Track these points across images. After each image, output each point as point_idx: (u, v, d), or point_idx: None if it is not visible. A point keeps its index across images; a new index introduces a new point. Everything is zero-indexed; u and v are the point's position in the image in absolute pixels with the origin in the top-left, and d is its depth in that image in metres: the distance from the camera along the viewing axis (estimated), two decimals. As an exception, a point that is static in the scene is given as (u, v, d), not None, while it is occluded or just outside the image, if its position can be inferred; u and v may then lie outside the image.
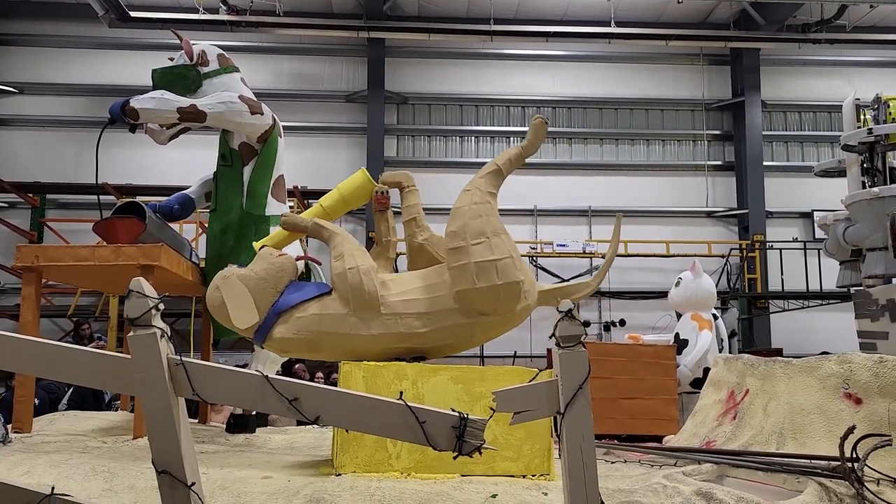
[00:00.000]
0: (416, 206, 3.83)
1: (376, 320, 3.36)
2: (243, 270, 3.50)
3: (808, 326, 14.41)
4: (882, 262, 5.69)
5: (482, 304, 3.34)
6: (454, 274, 3.34)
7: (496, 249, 3.31)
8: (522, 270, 3.41)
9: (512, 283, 3.32)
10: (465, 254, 3.30)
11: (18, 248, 4.15)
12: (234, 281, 3.43)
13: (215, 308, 3.48)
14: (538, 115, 3.63)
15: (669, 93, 15.84)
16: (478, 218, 3.35)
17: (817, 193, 14.68)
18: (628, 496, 2.80)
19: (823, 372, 3.42)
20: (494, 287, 3.29)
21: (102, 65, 14.79)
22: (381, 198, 3.89)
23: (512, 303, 3.37)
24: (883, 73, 15.89)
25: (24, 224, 13.78)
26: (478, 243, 3.30)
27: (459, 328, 3.39)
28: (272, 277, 3.47)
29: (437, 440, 2.01)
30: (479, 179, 3.50)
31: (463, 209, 3.39)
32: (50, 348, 2.09)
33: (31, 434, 4.06)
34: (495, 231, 3.36)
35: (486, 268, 3.28)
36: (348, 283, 3.38)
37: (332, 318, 3.38)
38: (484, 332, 3.49)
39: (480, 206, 3.39)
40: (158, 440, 2.01)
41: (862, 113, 6.34)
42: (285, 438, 4.58)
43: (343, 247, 3.49)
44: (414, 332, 3.37)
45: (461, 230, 3.34)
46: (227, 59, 4.97)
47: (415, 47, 15.44)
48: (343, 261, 3.43)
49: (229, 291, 3.41)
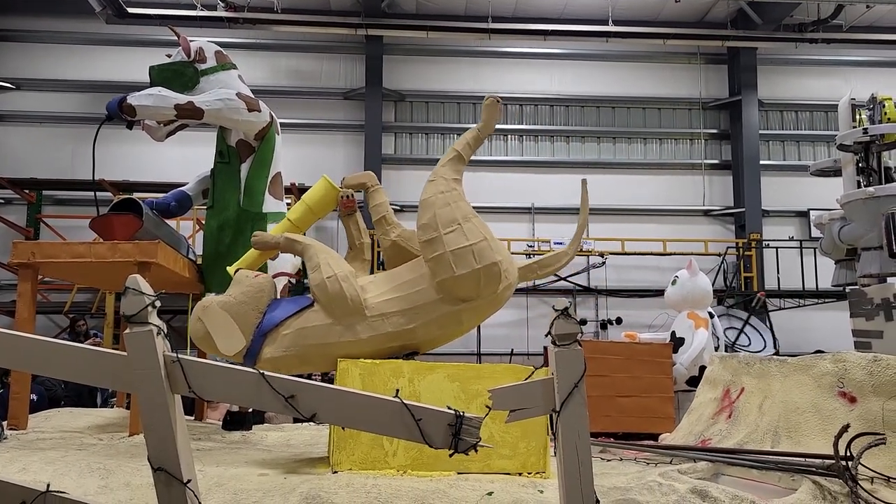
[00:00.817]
0: (384, 204, 3.85)
1: (362, 324, 3.37)
2: (222, 297, 3.49)
3: (803, 325, 14.44)
4: (877, 262, 5.71)
5: (464, 290, 3.35)
6: (432, 265, 3.36)
7: (470, 234, 3.33)
8: (498, 251, 3.42)
9: (490, 265, 3.34)
10: (439, 244, 3.31)
11: (15, 244, 4.14)
12: (215, 309, 3.42)
13: (200, 339, 3.47)
14: (490, 95, 3.61)
15: (667, 91, 15.85)
16: (446, 206, 3.37)
17: (813, 192, 14.71)
18: (624, 494, 2.81)
19: (818, 371, 3.43)
20: (474, 271, 3.31)
21: (99, 61, 14.75)
22: (347, 202, 3.90)
23: (493, 284, 3.39)
24: (879, 72, 15.92)
25: (20, 220, 13.74)
26: (450, 231, 3.32)
27: (446, 317, 3.41)
28: (252, 300, 3.47)
29: (434, 438, 2.01)
30: (441, 168, 3.51)
31: (430, 200, 3.40)
32: (46, 345, 2.09)
33: (27, 431, 4.06)
34: (466, 216, 3.38)
35: (463, 254, 3.30)
36: (328, 292, 3.38)
37: (318, 330, 3.39)
38: (471, 317, 3.50)
39: (447, 194, 3.40)
40: (154, 437, 2.01)
41: (857, 113, 6.35)
42: (281, 436, 4.59)
43: (318, 257, 3.49)
44: (402, 329, 3.38)
45: (432, 221, 3.35)
46: (224, 56, 4.96)
47: (413, 45, 15.42)
48: (320, 271, 3.43)
49: (212, 321, 3.40)
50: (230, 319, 3.41)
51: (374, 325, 3.37)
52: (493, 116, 3.57)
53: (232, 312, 3.42)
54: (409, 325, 3.38)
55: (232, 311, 3.42)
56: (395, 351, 3.43)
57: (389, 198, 3.95)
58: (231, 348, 3.41)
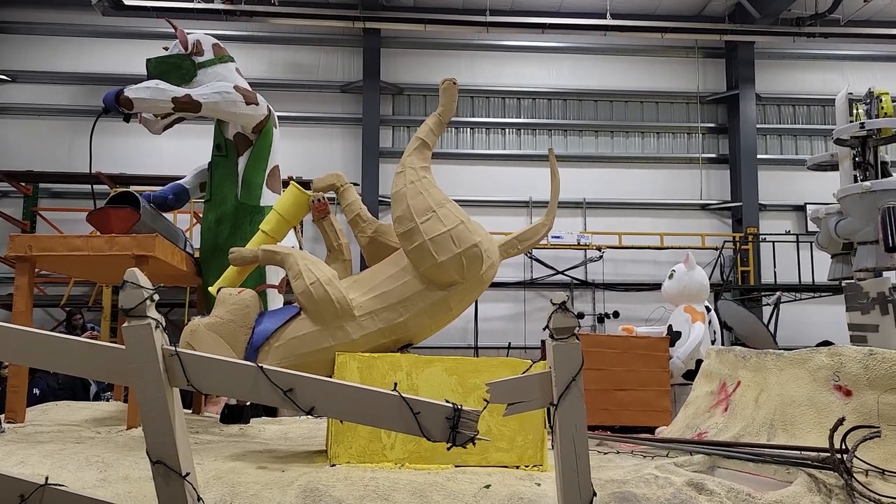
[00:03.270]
0: (356, 202, 3.85)
1: (353, 324, 3.38)
2: (208, 319, 3.47)
3: (799, 319, 14.48)
4: (873, 256, 5.72)
5: (448, 275, 3.37)
6: (413, 256, 3.38)
7: (446, 220, 3.36)
8: (476, 232, 3.44)
9: (471, 247, 3.37)
10: (417, 234, 3.33)
11: (11, 237, 4.13)
12: (203, 332, 3.40)
13: None
14: (446, 78, 3.62)
15: (664, 85, 15.85)
16: (418, 195, 3.39)
17: (810, 187, 14.75)
18: (620, 487, 2.82)
19: (814, 364, 3.45)
20: (456, 256, 3.34)
21: (96, 53, 14.68)
22: (319, 205, 3.89)
23: (476, 266, 3.41)
24: (876, 67, 15.94)
25: (16, 213, 13.70)
26: (426, 220, 3.34)
27: (435, 305, 3.43)
28: (239, 317, 3.45)
29: (432, 431, 2.02)
30: (408, 158, 3.52)
31: (402, 191, 3.42)
32: (44, 338, 2.09)
33: (25, 424, 4.06)
34: (439, 203, 3.40)
35: (442, 240, 3.32)
36: (314, 298, 3.38)
37: (309, 338, 3.39)
38: (459, 302, 3.52)
39: (417, 183, 3.43)
40: (153, 430, 2.02)
41: (854, 107, 6.35)
42: (279, 429, 4.60)
43: (298, 265, 3.48)
44: (393, 323, 3.39)
45: (406, 212, 3.37)
46: (221, 49, 4.95)
47: (410, 38, 15.38)
48: (303, 279, 3.42)
49: (201, 344, 3.38)
50: (220, 340, 3.39)
51: (365, 324, 3.38)
52: (452, 99, 3.59)
53: (221, 332, 3.40)
54: (400, 318, 3.39)
55: (220, 331, 3.40)
56: (389, 346, 3.44)
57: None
58: None
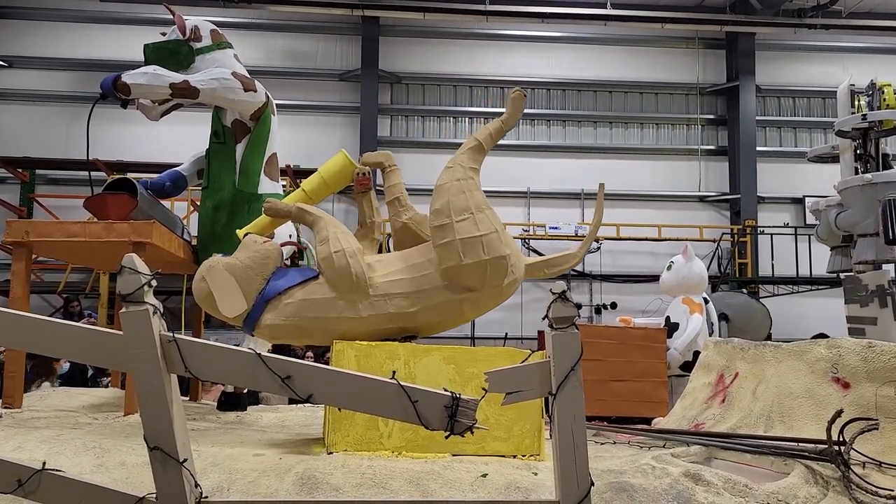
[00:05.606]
0: (399, 185, 3.82)
1: (365, 302, 3.36)
2: (228, 259, 3.48)
3: (797, 312, 14.52)
4: (873, 248, 5.73)
5: (469, 279, 3.34)
6: (440, 251, 3.34)
7: (481, 225, 3.32)
8: (508, 244, 3.42)
9: (498, 258, 3.33)
10: (450, 231, 3.30)
11: (9, 223, 4.11)
12: (220, 270, 3.41)
13: (202, 299, 3.47)
14: (517, 88, 3.60)
15: (664, 76, 15.81)
16: (461, 194, 3.35)
17: (809, 179, 14.75)
18: (617, 477, 2.82)
19: (812, 356, 3.45)
20: (481, 262, 3.30)
21: (93, 39, 14.60)
22: (363, 179, 3.87)
23: (499, 277, 3.38)
24: (877, 59, 15.90)
25: (13, 200, 13.66)
26: (462, 219, 3.30)
27: (448, 305, 3.40)
28: (258, 265, 3.45)
29: (429, 419, 2.02)
30: (460, 156, 3.49)
31: (446, 186, 3.39)
32: (42, 323, 2.08)
33: (22, 410, 4.05)
34: (479, 206, 3.36)
35: (472, 243, 3.29)
36: (335, 266, 3.37)
37: (320, 303, 3.37)
38: (473, 308, 3.50)
39: (463, 182, 3.39)
40: (150, 416, 2.01)
41: (856, 99, 6.34)
42: (276, 417, 4.59)
43: (328, 230, 3.47)
44: (403, 311, 3.37)
45: (445, 207, 3.33)
46: (219, 35, 4.90)
47: (409, 26, 15.31)
48: (328, 244, 3.41)
49: (215, 281, 3.39)
50: (234, 282, 3.39)
51: (377, 305, 3.36)
52: (518, 109, 3.54)
53: (236, 275, 3.41)
54: (411, 308, 3.37)
55: (236, 274, 3.41)
56: (393, 333, 3.43)
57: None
58: (232, 311, 3.41)
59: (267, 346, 4.81)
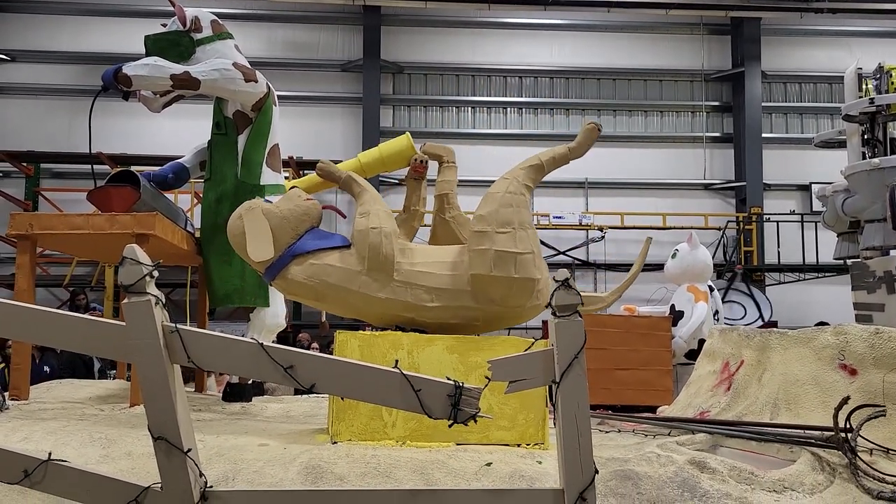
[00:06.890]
0: (452, 182, 3.85)
1: (387, 285, 3.36)
2: (269, 205, 3.54)
3: (803, 299, 14.47)
4: (880, 234, 5.67)
5: (494, 291, 3.33)
6: (474, 256, 3.33)
7: (520, 242, 3.31)
8: (541, 269, 3.40)
9: (527, 279, 3.32)
10: (488, 239, 3.30)
11: (13, 215, 4.11)
12: (258, 213, 3.47)
13: (234, 237, 3.54)
14: (592, 121, 3.59)
15: (668, 63, 15.70)
16: (508, 207, 3.34)
17: (815, 166, 14.65)
18: (622, 465, 2.82)
19: (819, 343, 3.43)
20: (509, 279, 3.29)
21: (95, 32, 14.58)
22: (419, 166, 3.89)
23: (523, 298, 3.37)
24: (885, 43, 15.74)
25: (18, 193, 13.69)
26: (503, 232, 3.30)
27: (466, 311, 3.39)
28: (295, 219, 3.50)
29: (433, 409, 2.01)
30: (519, 170, 3.48)
31: (496, 195, 3.38)
32: (45, 315, 2.08)
33: (29, 401, 4.07)
34: (522, 224, 3.35)
35: (506, 258, 3.28)
36: (368, 241, 3.37)
37: (344, 273, 3.38)
38: (487, 322, 3.49)
39: (514, 196, 3.38)
40: (154, 407, 2.01)
41: (864, 83, 6.27)
42: (281, 407, 4.61)
43: (371, 205, 3.49)
44: (421, 304, 3.36)
45: (489, 216, 3.33)
46: (220, 26, 4.89)
47: (411, 15, 15.23)
48: (368, 219, 3.42)
49: (251, 222, 3.45)
50: (268, 227, 3.44)
51: (397, 291, 3.36)
52: (589, 141, 3.53)
53: (272, 223, 3.45)
54: (430, 303, 3.36)
55: (272, 221, 3.46)
56: (404, 322, 3.42)
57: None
58: (259, 255, 3.45)
59: (271, 337, 4.82)
